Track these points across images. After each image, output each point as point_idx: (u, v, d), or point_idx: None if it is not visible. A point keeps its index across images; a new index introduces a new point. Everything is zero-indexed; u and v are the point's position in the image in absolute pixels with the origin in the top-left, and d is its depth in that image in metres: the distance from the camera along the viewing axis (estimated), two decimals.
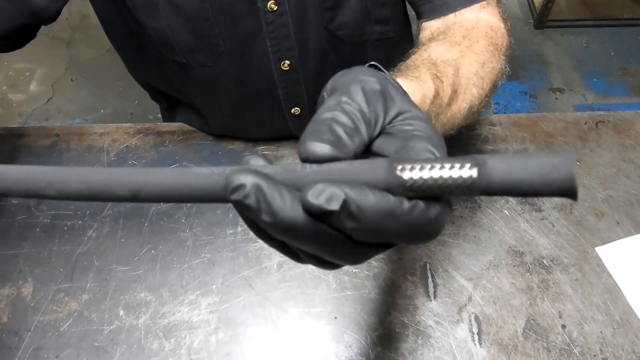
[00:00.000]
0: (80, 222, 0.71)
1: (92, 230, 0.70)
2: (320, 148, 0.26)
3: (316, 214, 0.24)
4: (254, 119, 0.77)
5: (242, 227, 0.71)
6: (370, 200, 0.24)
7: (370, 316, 0.64)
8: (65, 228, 0.70)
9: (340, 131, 0.27)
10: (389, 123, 0.30)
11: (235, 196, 0.24)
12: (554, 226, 0.72)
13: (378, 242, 0.27)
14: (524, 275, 0.67)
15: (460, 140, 0.81)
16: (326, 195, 0.23)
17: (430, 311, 0.64)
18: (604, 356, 0.61)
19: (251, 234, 0.69)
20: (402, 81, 0.44)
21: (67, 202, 0.72)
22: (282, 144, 0.80)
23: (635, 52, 2.22)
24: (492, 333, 0.62)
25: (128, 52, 0.76)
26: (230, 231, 0.71)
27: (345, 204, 0.23)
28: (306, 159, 0.26)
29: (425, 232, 0.26)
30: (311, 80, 0.71)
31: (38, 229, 0.70)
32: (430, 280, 0.67)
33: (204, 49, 0.66)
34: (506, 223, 0.72)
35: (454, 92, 0.53)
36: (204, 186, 0.26)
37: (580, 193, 0.75)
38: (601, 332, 0.63)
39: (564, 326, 0.63)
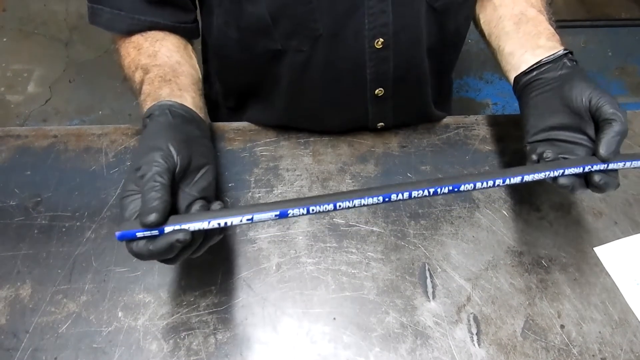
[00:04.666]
0: (78, 223, 0.71)
1: (90, 232, 0.70)
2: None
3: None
4: (335, 104, 0.78)
5: (241, 228, 0.71)
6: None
7: (368, 317, 0.64)
8: (64, 229, 0.70)
9: None
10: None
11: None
12: (552, 226, 0.72)
13: None
14: (522, 275, 0.67)
15: (458, 141, 0.81)
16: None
17: (429, 311, 0.64)
18: (603, 356, 0.61)
19: (249, 234, 0.70)
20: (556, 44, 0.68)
21: (64, 203, 0.72)
22: (280, 145, 0.80)
23: (633, 52, 2.23)
24: (490, 333, 0.63)
25: (227, 42, 0.77)
26: (229, 232, 0.71)
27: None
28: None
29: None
30: (400, 58, 0.72)
31: (36, 230, 0.70)
32: (429, 280, 0.67)
33: (301, 34, 0.68)
34: (505, 223, 0.72)
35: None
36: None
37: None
38: (600, 331, 0.63)
39: (562, 326, 0.63)
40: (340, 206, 0.50)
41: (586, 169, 0.55)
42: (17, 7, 2.35)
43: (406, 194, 0.50)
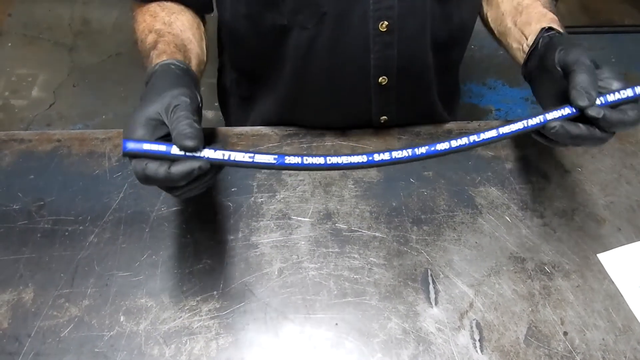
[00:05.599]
0: (81, 227, 0.71)
1: (93, 236, 0.70)
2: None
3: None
4: (338, 93, 0.79)
5: (243, 233, 0.71)
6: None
7: (371, 322, 0.64)
8: (66, 233, 0.70)
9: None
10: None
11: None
12: (555, 232, 0.72)
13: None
14: (525, 282, 0.67)
15: None
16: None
17: (432, 317, 0.64)
18: None
19: (252, 239, 0.69)
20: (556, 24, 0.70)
21: (67, 207, 0.72)
22: (282, 150, 0.80)
23: (636, 59, 2.22)
24: (493, 340, 0.62)
25: (238, 20, 0.79)
26: (231, 237, 0.71)
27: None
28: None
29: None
30: (404, 45, 0.73)
31: (39, 234, 0.70)
32: (431, 286, 0.67)
33: (306, 9, 0.69)
34: (507, 229, 0.72)
35: None
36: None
37: (582, 199, 0.75)
38: (603, 339, 0.62)
39: (565, 333, 0.63)
40: (330, 161, 0.56)
41: (572, 112, 0.58)
42: (22, 12, 2.37)
43: (387, 155, 0.56)
